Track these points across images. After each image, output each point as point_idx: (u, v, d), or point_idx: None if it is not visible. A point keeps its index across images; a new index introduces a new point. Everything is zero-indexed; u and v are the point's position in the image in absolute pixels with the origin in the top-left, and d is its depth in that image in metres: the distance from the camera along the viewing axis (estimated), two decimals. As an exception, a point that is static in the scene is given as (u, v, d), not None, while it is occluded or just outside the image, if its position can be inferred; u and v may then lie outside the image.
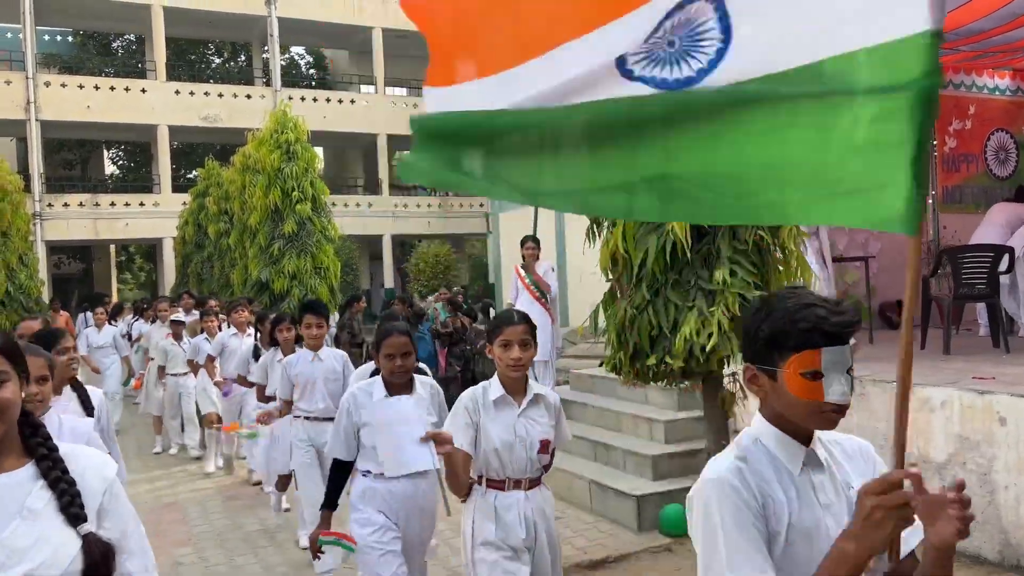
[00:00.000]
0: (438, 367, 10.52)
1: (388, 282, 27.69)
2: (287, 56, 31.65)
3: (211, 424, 8.00)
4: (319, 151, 16.32)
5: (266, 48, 27.74)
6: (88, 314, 13.78)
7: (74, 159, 30.13)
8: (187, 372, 8.50)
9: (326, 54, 33.04)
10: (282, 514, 6.28)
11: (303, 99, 25.64)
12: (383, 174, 28.09)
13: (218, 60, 33.19)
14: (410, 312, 11.35)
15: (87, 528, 1.52)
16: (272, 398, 5.44)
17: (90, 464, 1.61)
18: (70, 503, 1.52)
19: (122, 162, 32.94)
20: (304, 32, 28.18)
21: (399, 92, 29.48)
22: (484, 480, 2.92)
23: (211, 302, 10.12)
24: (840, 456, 1.62)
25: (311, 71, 33.70)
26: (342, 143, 30.20)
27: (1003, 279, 6.53)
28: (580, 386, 7.76)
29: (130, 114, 24.16)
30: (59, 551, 1.49)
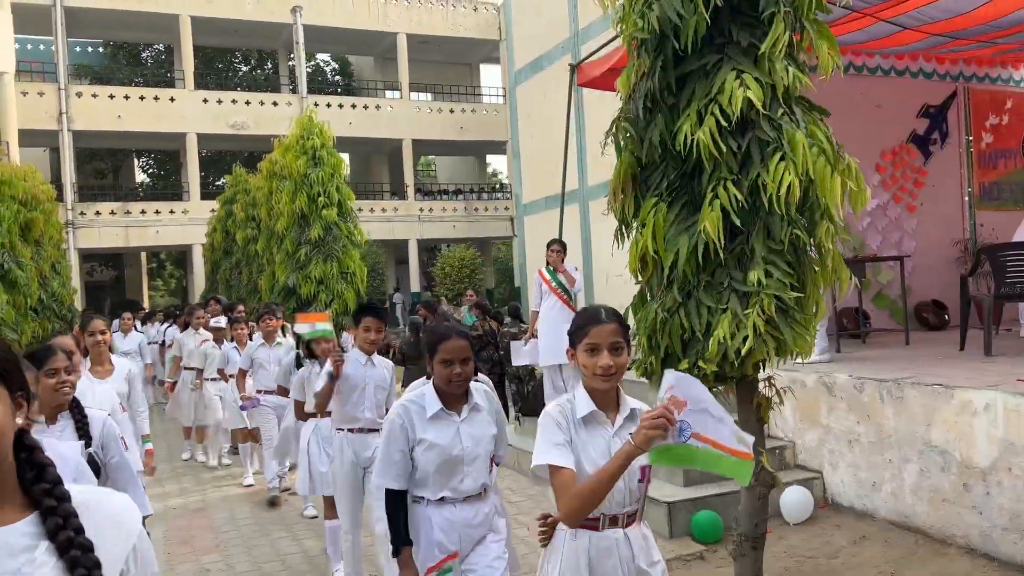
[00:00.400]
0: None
1: (414, 286, 27.76)
2: (313, 63, 31.90)
3: (244, 440, 8.00)
4: (345, 157, 16.39)
5: (292, 55, 28.00)
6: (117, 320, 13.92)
7: (105, 168, 30.64)
8: (218, 378, 8.50)
9: (351, 60, 33.26)
10: (307, 516, 6.41)
11: (329, 105, 25.84)
12: (408, 179, 28.20)
13: (245, 68, 33.57)
14: (435, 319, 11.29)
15: None
16: (312, 415, 5.25)
17: (111, 517, 1.25)
18: None
19: (152, 170, 33.46)
20: (329, 39, 28.43)
21: (424, 97, 29.61)
22: None
23: (239, 308, 10.13)
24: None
25: (336, 77, 33.95)
26: (368, 148, 30.38)
27: (1046, 278, 6.33)
28: (609, 390, 7.62)
29: (160, 123, 24.53)
30: None
